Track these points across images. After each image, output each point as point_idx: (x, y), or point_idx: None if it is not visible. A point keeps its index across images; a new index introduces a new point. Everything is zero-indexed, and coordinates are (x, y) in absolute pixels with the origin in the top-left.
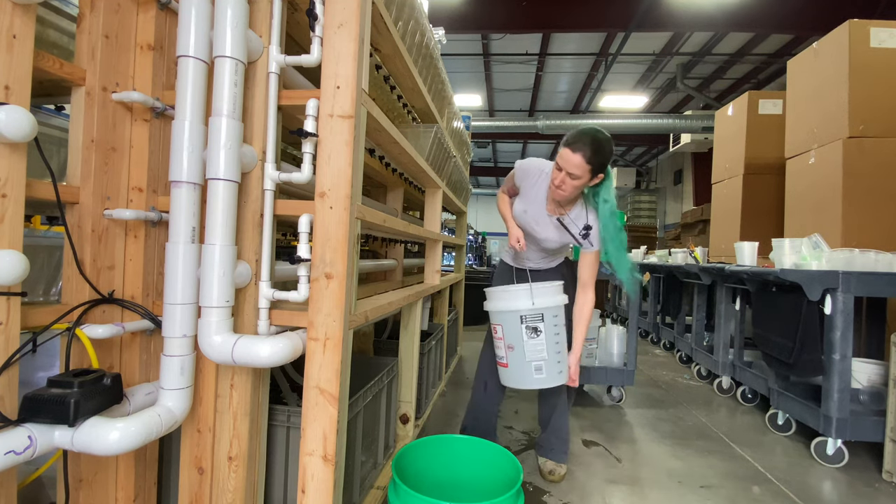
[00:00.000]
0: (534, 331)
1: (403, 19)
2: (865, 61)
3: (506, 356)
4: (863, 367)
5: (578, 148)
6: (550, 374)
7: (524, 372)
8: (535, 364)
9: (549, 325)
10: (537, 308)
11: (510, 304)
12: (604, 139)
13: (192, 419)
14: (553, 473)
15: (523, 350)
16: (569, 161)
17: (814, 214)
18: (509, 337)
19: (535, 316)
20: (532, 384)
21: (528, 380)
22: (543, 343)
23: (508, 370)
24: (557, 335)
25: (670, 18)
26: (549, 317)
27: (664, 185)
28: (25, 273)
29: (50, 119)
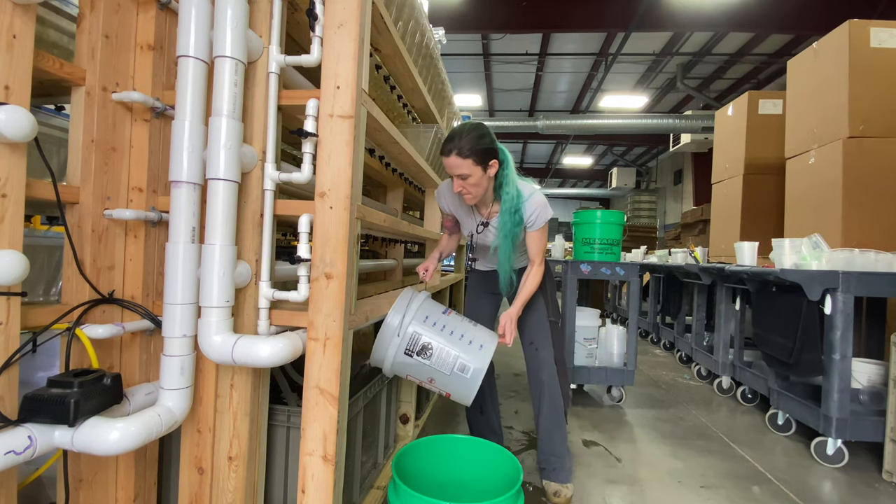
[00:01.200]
0: (424, 350)
1: (403, 19)
2: (865, 61)
3: (439, 388)
4: (863, 367)
5: (449, 149)
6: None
7: (459, 384)
8: (456, 368)
9: (431, 332)
10: (407, 333)
11: (388, 352)
12: (466, 128)
13: (192, 419)
14: (558, 495)
15: (438, 371)
16: (450, 165)
17: (814, 214)
18: (422, 374)
19: (412, 340)
20: (473, 385)
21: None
22: (442, 347)
23: (453, 395)
24: (445, 328)
25: (670, 18)
26: (426, 327)
27: (664, 185)
28: (25, 273)
29: (50, 119)
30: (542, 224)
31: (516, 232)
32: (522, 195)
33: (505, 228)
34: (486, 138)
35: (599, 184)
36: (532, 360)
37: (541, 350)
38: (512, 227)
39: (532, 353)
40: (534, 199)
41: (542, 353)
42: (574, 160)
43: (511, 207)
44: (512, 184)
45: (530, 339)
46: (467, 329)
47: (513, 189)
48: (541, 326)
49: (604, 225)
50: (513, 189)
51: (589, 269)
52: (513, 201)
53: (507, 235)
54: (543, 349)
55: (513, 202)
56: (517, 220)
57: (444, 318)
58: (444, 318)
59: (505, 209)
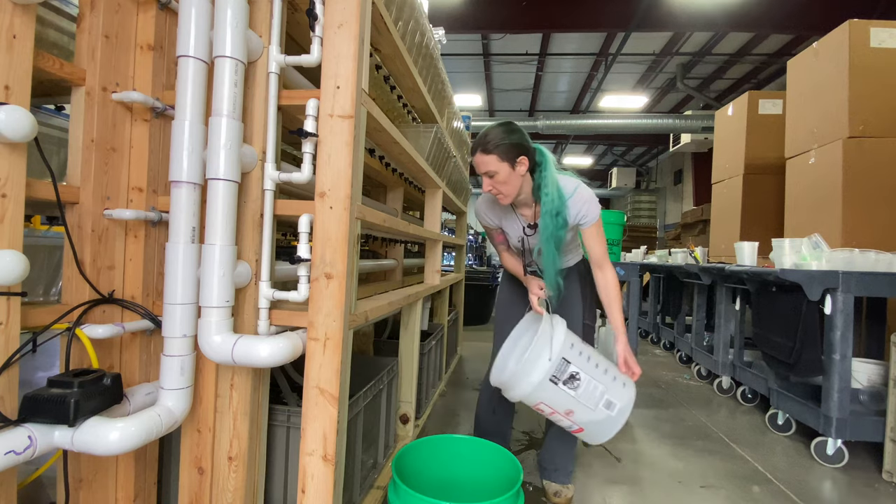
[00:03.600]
0: (572, 379)
1: (403, 19)
2: (865, 61)
3: (573, 422)
4: (863, 367)
5: (475, 147)
6: (620, 395)
7: (601, 420)
8: (601, 404)
9: (579, 360)
10: (556, 357)
11: (531, 377)
12: (491, 127)
13: (192, 419)
14: (559, 496)
15: (582, 404)
16: (477, 164)
17: (814, 214)
18: (560, 405)
19: (560, 367)
20: (617, 425)
21: (611, 424)
22: (590, 378)
23: (587, 432)
24: (590, 359)
25: (670, 18)
26: (573, 354)
27: (664, 185)
28: (25, 273)
29: (50, 119)
30: (594, 219)
31: (560, 235)
32: (564, 195)
33: (546, 231)
34: (514, 135)
35: (599, 184)
36: None
37: None
38: (554, 230)
39: None
40: (578, 196)
41: None
42: (574, 160)
43: (552, 210)
44: (551, 185)
45: None
46: (609, 364)
47: (553, 190)
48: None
49: (604, 225)
50: (553, 190)
51: None
52: (553, 203)
53: (549, 238)
54: None
55: (553, 204)
56: (560, 223)
57: (586, 347)
58: (587, 349)
59: (545, 211)
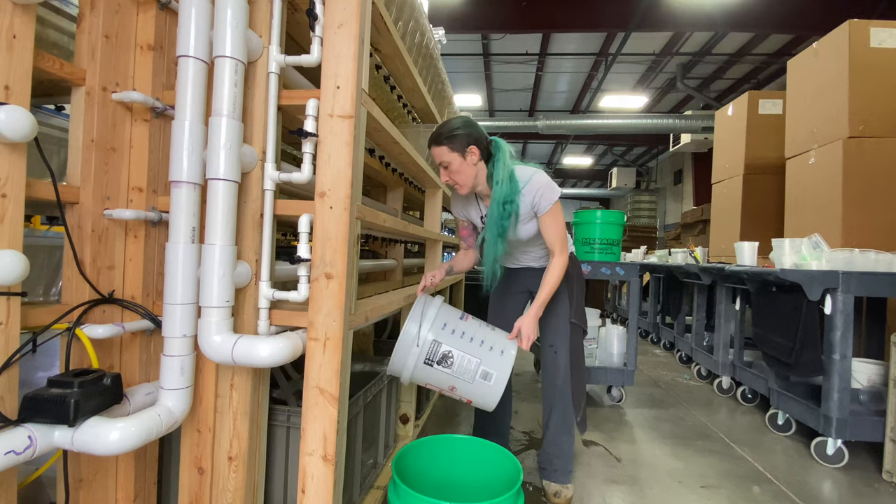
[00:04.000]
0: (445, 359)
1: (403, 19)
2: (865, 61)
3: (461, 396)
4: (863, 367)
5: (430, 142)
6: (496, 364)
7: (481, 391)
8: (478, 376)
9: (451, 339)
10: (426, 342)
11: (407, 362)
12: (445, 121)
13: (192, 419)
14: (558, 496)
15: (460, 379)
16: (433, 156)
17: (814, 214)
18: (442, 383)
19: (432, 349)
20: (497, 392)
21: (490, 392)
22: (463, 354)
23: (474, 402)
24: (464, 334)
25: (670, 18)
26: (445, 334)
27: (664, 185)
28: (25, 273)
29: (50, 119)
30: (549, 206)
31: (504, 224)
32: (518, 184)
33: (491, 219)
34: (464, 127)
35: (599, 184)
36: (550, 364)
37: (560, 354)
38: (499, 218)
39: (551, 356)
40: (533, 182)
41: (561, 358)
42: (574, 160)
43: (500, 198)
44: (502, 173)
45: (550, 342)
46: (487, 334)
47: (503, 178)
48: (562, 329)
49: (604, 225)
50: (503, 178)
51: (589, 269)
52: (502, 191)
53: (492, 225)
54: (563, 353)
55: (503, 192)
56: (507, 212)
57: (462, 323)
58: (462, 324)
59: (494, 199)
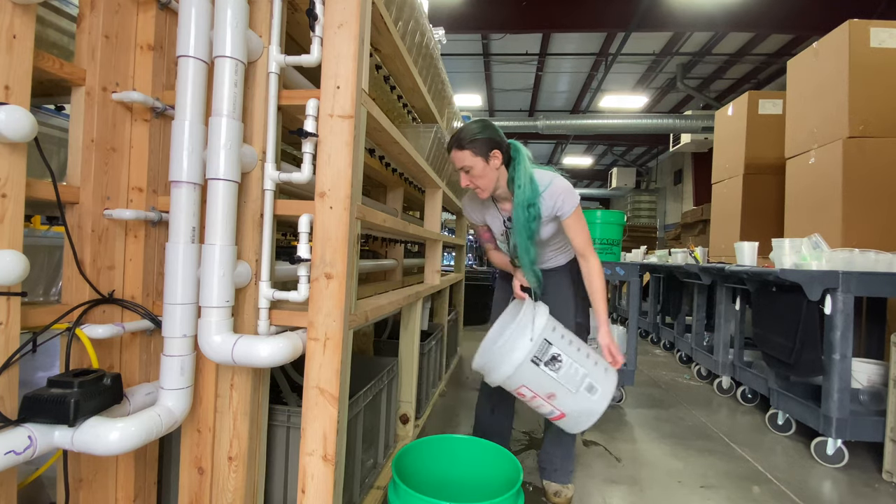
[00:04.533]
0: (553, 360)
1: (403, 19)
2: (865, 61)
3: (555, 408)
4: (863, 367)
5: (450, 145)
6: (602, 381)
7: (582, 404)
8: (583, 388)
9: (560, 343)
10: (538, 338)
11: (513, 356)
12: (465, 125)
13: (192, 419)
14: (559, 495)
15: (564, 387)
16: (455, 160)
17: (814, 214)
18: (542, 388)
19: (542, 347)
20: (599, 410)
21: (592, 408)
22: (572, 361)
23: (567, 418)
24: (572, 342)
25: (670, 18)
26: (555, 336)
27: (664, 185)
28: (25, 273)
29: (50, 119)
30: (571, 209)
31: (532, 227)
32: (538, 187)
33: (518, 223)
34: (486, 131)
35: (599, 184)
36: None
37: None
38: (526, 221)
39: None
40: (554, 187)
41: None
42: (574, 160)
43: (523, 201)
44: (523, 177)
45: None
46: (592, 350)
47: (525, 182)
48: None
49: (604, 225)
50: (525, 182)
51: None
52: (525, 195)
53: (521, 230)
54: None
55: (525, 196)
56: (532, 215)
57: (569, 333)
58: (570, 334)
59: (517, 203)
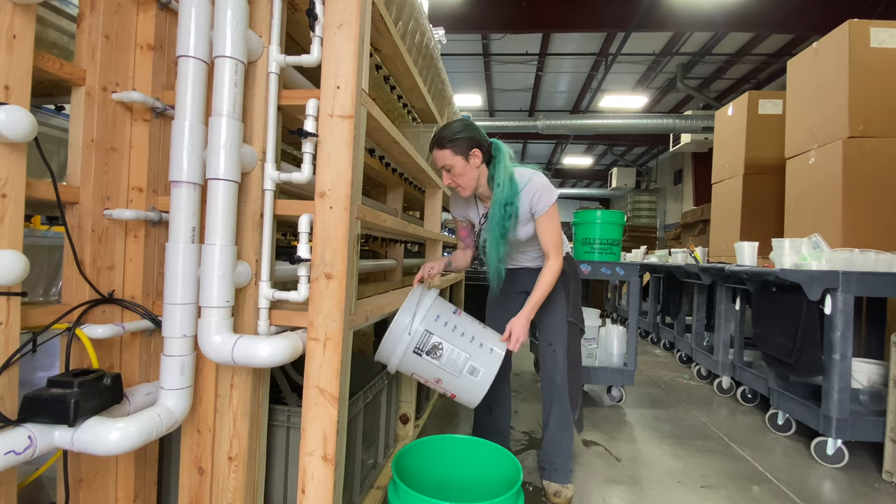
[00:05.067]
0: (435, 349)
1: (403, 19)
2: (865, 61)
3: (445, 389)
4: (863, 367)
5: (432, 145)
6: (485, 361)
7: (467, 386)
8: (465, 371)
9: (443, 331)
10: (417, 331)
11: (396, 350)
12: (446, 124)
13: (192, 419)
14: (559, 496)
15: (447, 372)
16: (436, 159)
17: (814, 214)
18: (428, 374)
19: (423, 339)
20: (482, 388)
21: (475, 388)
22: (453, 347)
23: (458, 397)
24: (456, 328)
25: (670, 18)
26: (437, 326)
27: (664, 185)
28: (25, 273)
29: (50, 119)
30: (546, 207)
31: (506, 225)
32: (517, 186)
33: (493, 220)
34: (466, 130)
35: (599, 184)
36: (548, 362)
37: (558, 352)
38: (501, 219)
39: (549, 354)
40: (531, 184)
41: (559, 356)
42: (574, 160)
43: (501, 199)
44: (503, 175)
45: (549, 341)
46: (478, 331)
47: (504, 180)
48: (560, 327)
49: (604, 225)
50: (504, 180)
51: (589, 269)
52: (504, 193)
53: (495, 227)
54: (561, 351)
55: (504, 194)
56: (508, 213)
57: (454, 318)
58: (454, 319)
59: (495, 200)
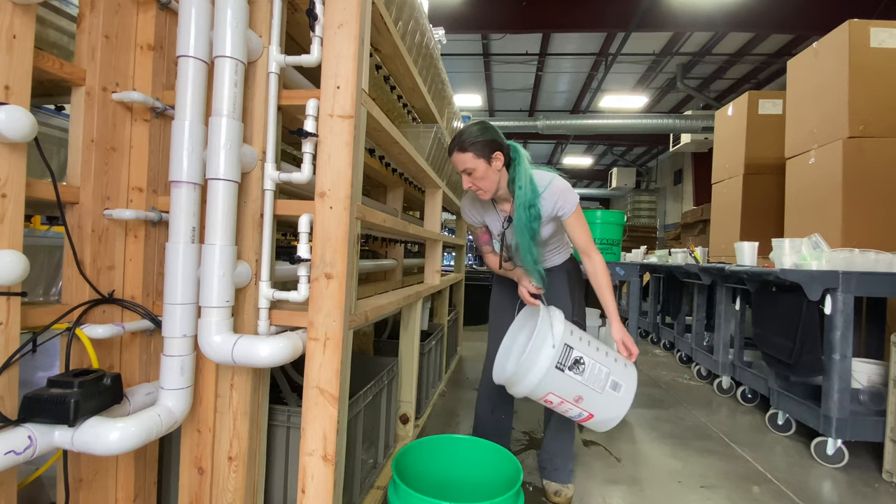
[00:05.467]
0: (577, 364)
1: (403, 19)
2: (865, 61)
3: (583, 410)
4: (863, 367)
5: (452, 147)
6: (624, 375)
7: (609, 403)
8: (608, 386)
9: (580, 345)
10: (560, 344)
11: (537, 366)
12: (467, 126)
13: (192, 419)
14: (559, 495)
15: (590, 388)
16: (455, 163)
17: (814, 214)
18: (569, 392)
19: (564, 353)
20: (625, 406)
21: (619, 405)
22: (594, 362)
23: (596, 418)
24: (590, 343)
25: (670, 18)
26: (574, 339)
27: (664, 185)
28: (25, 273)
29: (50, 119)
30: (572, 209)
31: (533, 227)
32: (538, 189)
33: (520, 223)
34: (487, 133)
35: (599, 184)
36: None
37: None
38: (528, 221)
39: None
40: (552, 188)
41: None
42: (574, 160)
43: (524, 202)
44: (524, 178)
45: None
46: (607, 347)
47: (525, 183)
48: None
49: (604, 225)
50: (525, 183)
51: None
52: (525, 196)
53: (523, 230)
54: None
55: (526, 197)
56: (533, 216)
57: (584, 333)
58: (585, 334)
59: (518, 204)
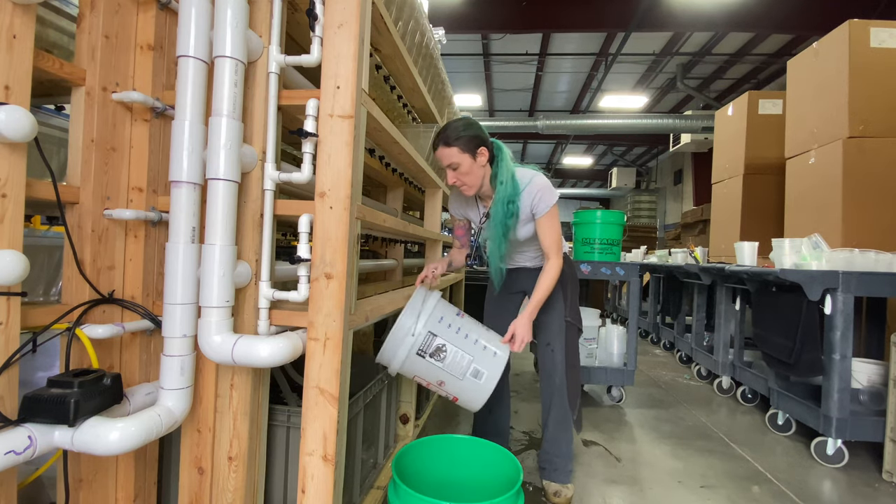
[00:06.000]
0: (438, 351)
1: (403, 19)
2: (865, 61)
3: (448, 392)
4: (863, 367)
5: (436, 143)
6: (489, 363)
7: (469, 388)
8: (469, 373)
9: (446, 333)
10: (421, 333)
11: (399, 352)
12: (451, 121)
13: (192, 419)
14: (558, 495)
15: (450, 375)
16: (440, 158)
17: (814, 214)
18: (431, 376)
19: (426, 341)
20: (485, 392)
21: (479, 391)
22: (457, 349)
23: (461, 400)
24: (460, 330)
25: (670, 18)
26: (441, 327)
27: (664, 185)
28: (25, 273)
29: (50, 119)
30: (547, 208)
31: (508, 223)
32: (519, 185)
33: (496, 218)
34: (472, 128)
35: (599, 184)
36: (547, 363)
37: (557, 352)
38: (503, 217)
39: (548, 354)
40: (533, 184)
41: (558, 356)
42: (574, 160)
43: (504, 198)
44: (506, 174)
45: (547, 341)
46: (481, 333)
47: (507, 179)
48: (559, 327)
49: (604, 225)
50: (507, 179)
51: (589, 269)
52: (506, 191)
53: (497, 225)
54: (560, 351)
55: (506, 192)
56: (510, 212)
57: (458, 320)
58: (458, 321)
59: (497, 199)
